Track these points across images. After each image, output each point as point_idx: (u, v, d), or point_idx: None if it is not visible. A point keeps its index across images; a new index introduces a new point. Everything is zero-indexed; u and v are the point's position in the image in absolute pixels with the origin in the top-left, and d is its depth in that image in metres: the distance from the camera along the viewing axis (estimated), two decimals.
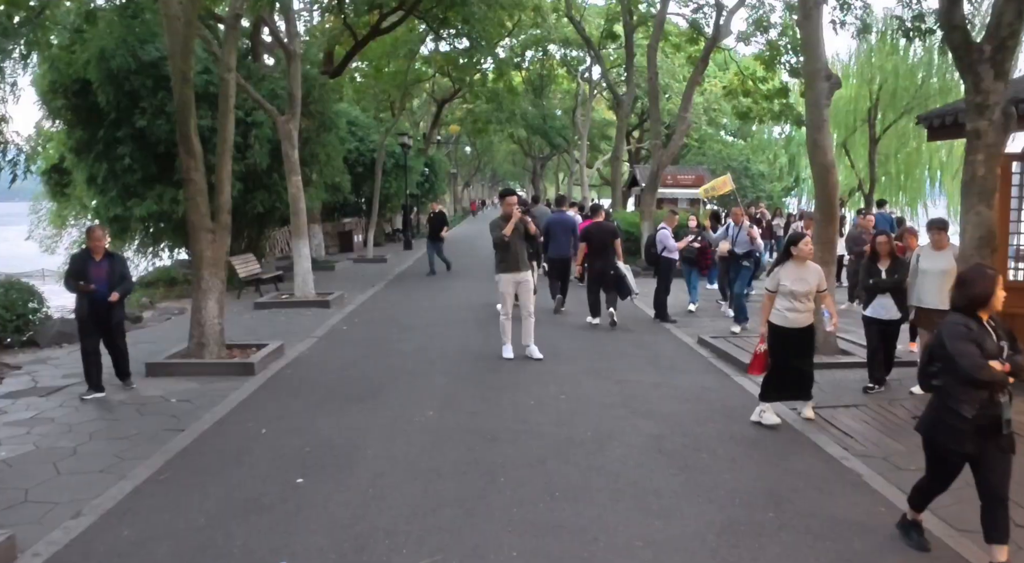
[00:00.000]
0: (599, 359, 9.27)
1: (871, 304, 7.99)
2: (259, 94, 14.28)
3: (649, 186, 19.47)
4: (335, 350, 9.87)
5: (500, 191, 9.41)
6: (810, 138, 9.37)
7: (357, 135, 26.17)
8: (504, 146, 63.04)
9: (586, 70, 39.57)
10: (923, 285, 7.68)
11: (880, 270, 7.91)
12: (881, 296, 7.89)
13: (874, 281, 7.89)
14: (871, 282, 7.91)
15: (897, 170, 27.17)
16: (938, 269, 7.53)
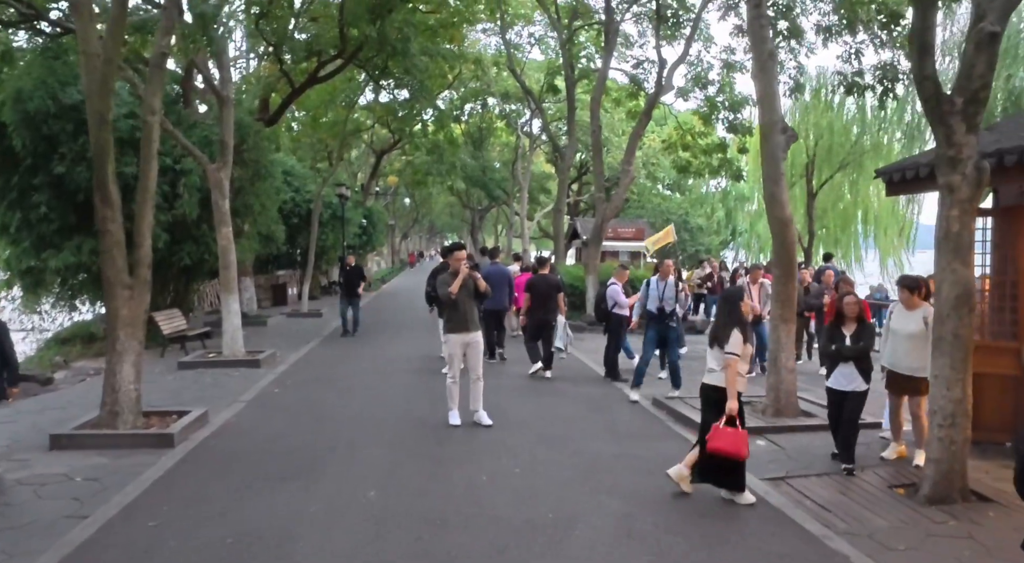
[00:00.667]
0: (552, 424, 8.67)
1: (832, 372, 7.21)
2: (189, 141, 13.55)
3: (593, 239, 19.16)
4: (265, 417, 9.04)
5: (445, 246, 8.74)
6: (767, 191, 9.09)
7: (293, 185, 25.43)
8: (442, 198, 62.72)
9: (526, 123, 39.67)
10: (894, 347, 7.30)
11: (844, 335, 7.11)
12: (844, 364, 7.07)
13: (837, 347, 7.10)
14: (833, 348, 7.16)
15: (834, 224, 27.57)
16: (907, 331, 7.16)
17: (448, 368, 8.54)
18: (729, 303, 6.37)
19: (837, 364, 7.14)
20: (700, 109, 24.95)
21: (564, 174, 24.01)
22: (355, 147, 44.81)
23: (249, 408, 9.58)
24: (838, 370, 7.13)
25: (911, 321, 7.15)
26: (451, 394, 8.51)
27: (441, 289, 8.25)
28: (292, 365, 13.00)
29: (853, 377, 7.03)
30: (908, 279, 7.45)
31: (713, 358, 6.29)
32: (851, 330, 7.10)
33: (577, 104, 24.90)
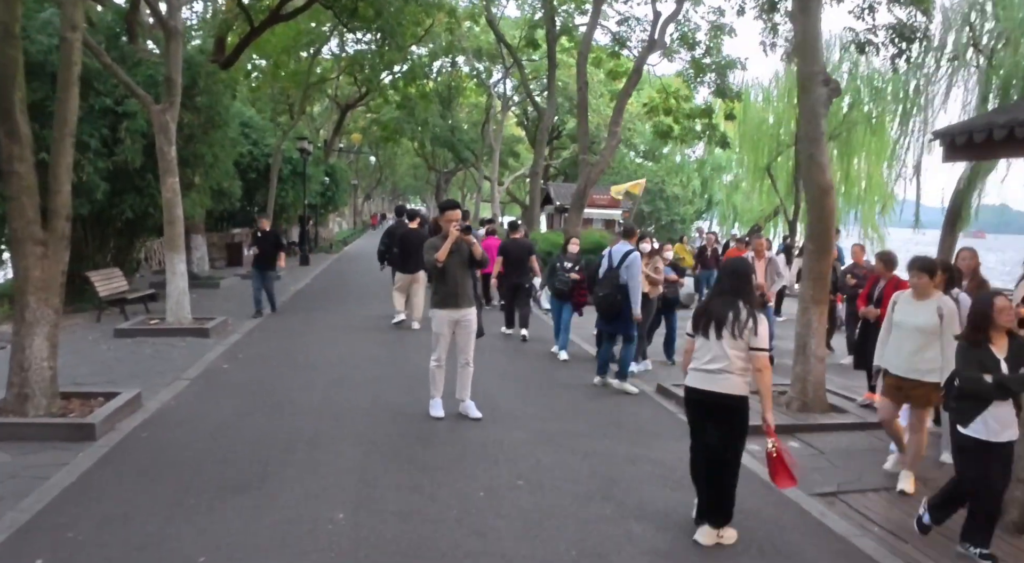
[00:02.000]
0: (551, 417, 7.40)
1: (975, 416, 4.61)
2: (133, 80, 11.91)
3: (575, 204, 17.86)
4: (211, 401, 7.63)
5: (441, 202, 7.21)
6: (804, 152, 7.85)
7: (251, 137, 23.67)
8: (407, 159, 60.80)
9: (498, 82, 38.03)
10: (898, 344, 5.89)
11: (996, 358, 4.62)
12: (999, 403, 4.58)
13: (1000, 379, 4.52)
14: (992, 381, 4.53)
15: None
16: (915, 325, 5.79)
17: (433, 349, 7.18)
18: (738, 277, 4.71)
19: (984, 404, 4.59)
20: (685, 71, 23.83)
21: (543, 134, 22.64)
22: (319, 101, 42.84)
23: (192, 388, 8.15)
24: (989, 412, 4.56)
25: (921, 312, 5.79)
26: (434, 380, 7.18)
27: (427, 254, 6.89)
28: (246, 335, 11.55)
29: (1009, 419, 4.63)
30: (923, 261, 5.94)
31: (714, 351, 4.58)
32: (1003, 349, 4.65)
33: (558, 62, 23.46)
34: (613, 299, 8.42)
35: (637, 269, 8.47)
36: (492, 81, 39.05)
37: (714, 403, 4.61)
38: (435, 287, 7.05)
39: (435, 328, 7.09)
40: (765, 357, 4.56)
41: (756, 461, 6.24)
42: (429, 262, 6.84)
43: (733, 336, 4.53)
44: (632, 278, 8.43)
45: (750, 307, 4.57)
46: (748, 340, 4.51)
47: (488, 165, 43.89)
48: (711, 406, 4.64)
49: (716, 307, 4.68)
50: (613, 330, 8.67)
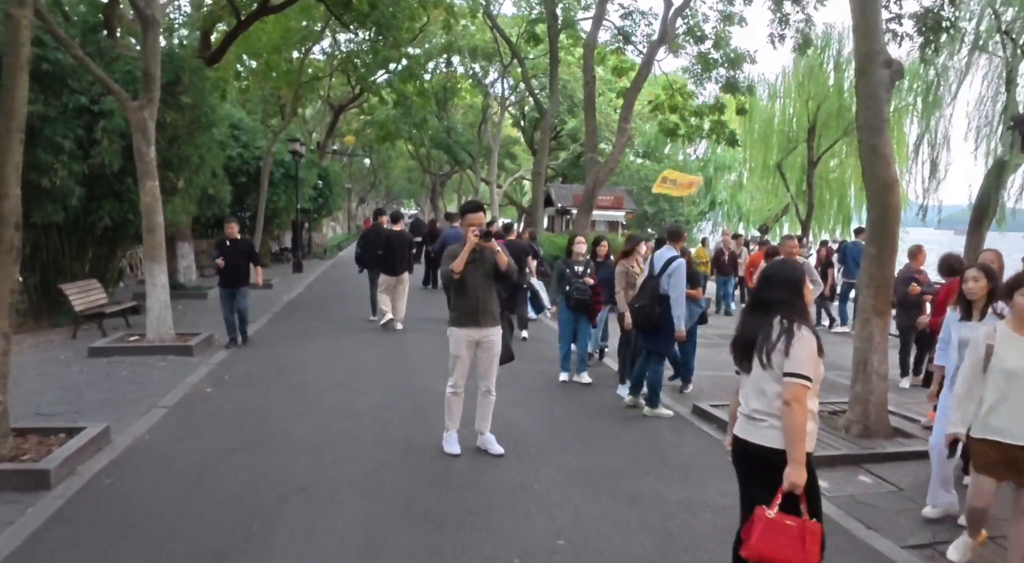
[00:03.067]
0: (581, 450, 6.43)
1: None
2: (111, 77, 10.96)
3: (584, 205, 16.92)
4: (190, 435, 6.64)
5: (462, 205, 6.13)
6: (866, 143, 6.90)
7: (241, 140, 22.65)
8: (401, 162, 59.76)
9: (495, 82, 37.15)
10: (1005, 395, 4.17)
11: None
12: None
13: None
14: None
15: (831, 195, 25.70)
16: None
17: (449, 374, 6.20)
18: (774, 284, 3.53)
19: None
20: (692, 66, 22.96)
21: (545, 133, 21.67)
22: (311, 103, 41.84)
23: (170, 419, 7.16)
24: None
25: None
26: (450, 410, 6.20)
27: (444, 265, 5.90)
28: (233, 352, 10.56)
29: None
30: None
31: (756, 390, 3.46)
32: None
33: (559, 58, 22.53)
34: (651, 311, 7.45)
35: (682, 278, 7.51)
36: (489, 81, 38.18)
37: (753, 457, 3.48)
38: (453, 302, 6.07)
39: (452, 349, 6.10)
40: (799, 386, 3.27)
41: (832, 505, 5.30)
42: (445, 274, 5.86)
43: (763, 364, 3.39)
44: (675, 288, 7.47)
45: (788, 322, 3.38)
46: (781, 364, 3.35)
47: (485, 167, 42.97)
48: (750, 460, 3.52)
49: (745, 328, 3.58)
50: (651, 346, 7.70)
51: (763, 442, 3.40)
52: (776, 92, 27.28)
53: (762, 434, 3.41)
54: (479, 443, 6.26)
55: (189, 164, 13.75)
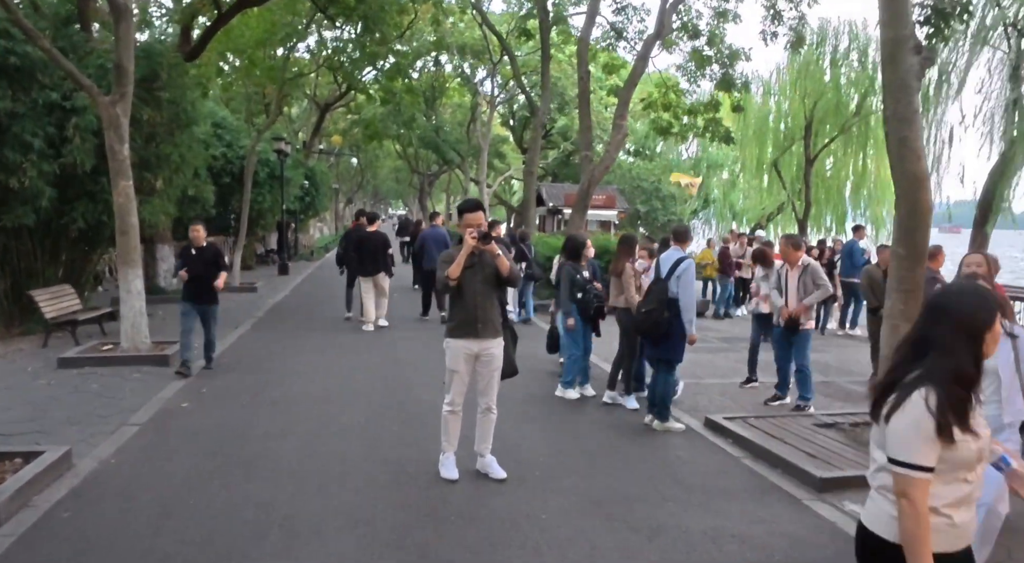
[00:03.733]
0: (590, 472, 5.88)
1: None
2: (84, 72, 10.39)
3: (579, 205, 16.37)
4: (161, 457, 6.04)
5: (460, 204, 5.57)
6: (895, 135, 6.37)
7: (225, 139, 21.99)
8: (389, 162, 59.12)
9: (483, 80, 36.55)
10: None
11: None
12: None
13: None
14: None
15: (826, 193, 25.25)
16: None
17: (446, 390, 5.63)
18: (963, 327, 2.43)
19: None
20: (686, 63, 22.52)
21: (538, 131, 21.07)
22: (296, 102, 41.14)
23: (140, 439, 6.57)
24: None
25: None
26: (447, 430, 5.63)
27: (440, 270, 5.34)
28: (213, 361, 9.94)
29: None
30: None
31: (873, 450, 2.58)
32: None
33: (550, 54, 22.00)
34: (659, 316, 6.92)
35: (691, 280, 6.99)
36: (477, 79, 37.61)
37: (859, 542, 2.61)
38: (450, 311, 5.51)
39: (449, 363, 5.53)
40: (905, 477, 2.34)
41: None
42: (441, 281, 5.30)
43: (875, 418, 2.52)
44: (685, 290, 6.94)
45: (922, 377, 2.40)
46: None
47: (474, 167, 42.40)
48: (858, 546, 2.62)
49: (887, 372, 2.59)
50: (659, 354, 7.16)
51: (865, 521, 2.57)
52: (771, 89, 26.80)
53: (867, 510, 2.59)
54: (479, 466, 5.71)
55: (168, 163, 13.13)
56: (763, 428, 7.19)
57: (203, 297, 9.13)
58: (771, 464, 6.28)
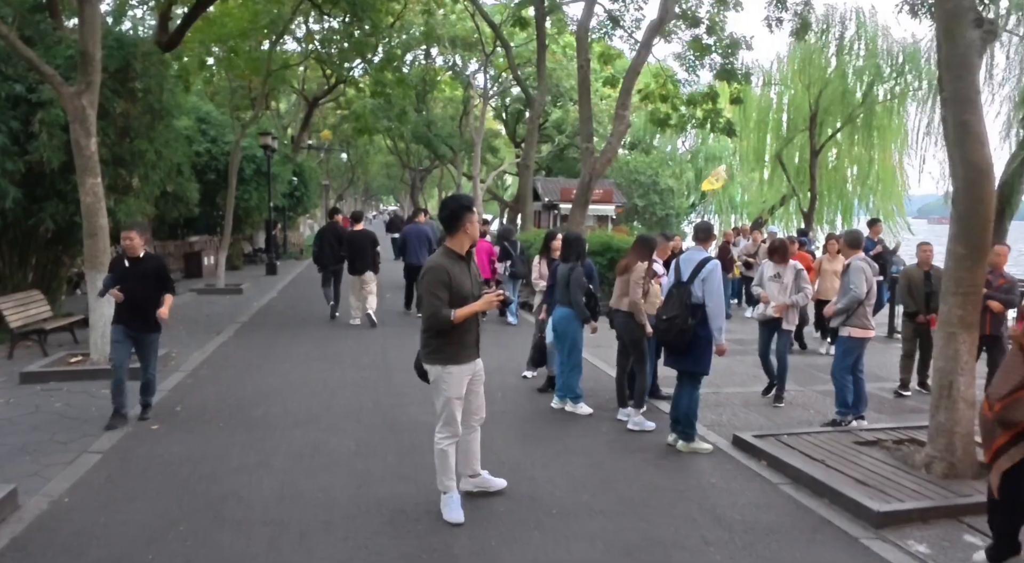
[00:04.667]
0: (617, 510, 5.10)
1: None
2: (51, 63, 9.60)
3: (579, 200, 15.57)
4: (120, 500, 5.23)
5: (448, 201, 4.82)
6: (955, 118, 5.63)
7: (209, 134, 21.21)
8: (380, 157, 58.24)
9: (476, 72, 35.78)
10: None
11: None
12: None
13: None
14: None
15: (830, 186, 24.56)
16: None
17: (444, 422, 4.84)
18: None
19: None
20: (685, 53, 21.82)
21: (533, 123, 20.32)
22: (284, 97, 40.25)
23: (101, 471, 5.78)
24: None
25: None
26: (446, 466, 4.84)
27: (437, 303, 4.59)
28: (190, 374, 9.15)
29: None
30: None
31: None
32: None
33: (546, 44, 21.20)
34: (684, 324, 6.16)
35: (719, 283, 6.23)
36: (470, 71, 36.82)
37: None
38: (449, 335, 4.70)
39: (451, 392, 4.74)
40: None
41: None
42: (444, 320, 4.55)
43: None
44: (712, 295, 6.18)
45: None
46: None
47: (466, 161, 41.56)
48: None
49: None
50: (684, 366, 6.41)
51: None
52: (771, 79, 26.08)
53: None
54: (475, 485, 5.01)
55: (142, 160, 12.30)
56: (799, 447, 6.46)
57: (139, 323, 7.02)
58: (815, 492, 5.54)
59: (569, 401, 7.66)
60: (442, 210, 4.83)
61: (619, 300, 7.11)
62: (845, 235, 7.73)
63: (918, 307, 8.62)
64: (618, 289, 7.20)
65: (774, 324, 8.23)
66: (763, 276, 8.44)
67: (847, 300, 7.09)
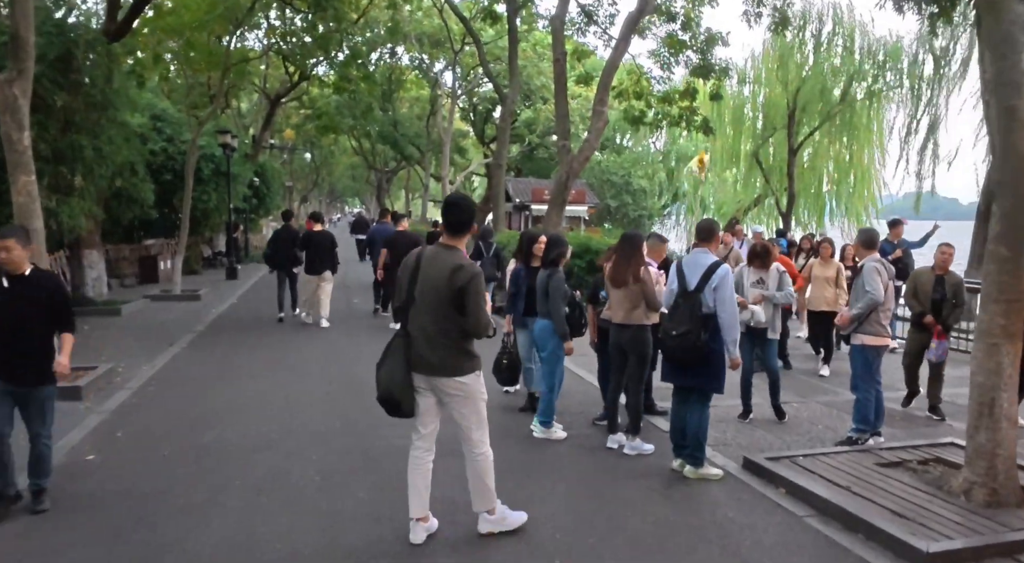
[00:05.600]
0: (632, 554, 4.39)
1: None
2: None
3: (556, 199, 14.92)
4: (44, 553, 4.43)
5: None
6: (998, 107, 5.00)
7: (165, 133, 20.15)
8: (345, 159, 57.14)
9: (444, 70, 34.97)
10: None
11: None
12: None
13: None
14: None
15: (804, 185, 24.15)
16: None
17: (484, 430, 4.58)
18: None
19: None
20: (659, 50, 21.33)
21: (506, 120, 19.65)
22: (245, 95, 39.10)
23: (18, 522, 4.89)
24: None
25: None
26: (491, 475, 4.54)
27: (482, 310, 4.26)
28: (136, 392, 8.26)
29: None
30: None
31: None
32: None
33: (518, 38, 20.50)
34: (698, 340, 5.45)
35: (731, 291, 5.55)
36: (437, 69, 36.00)
37: None
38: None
39: (485, 395, 4.52)
40: None
41: None
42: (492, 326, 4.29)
43: None
44: (724, 305, 5.49)
45: None
46: None
47: (434, 162, 40.74)
48: None
49: None
50: (696, 383, 5.71)
51: None
52: (746, 77, 25.65)
53: None
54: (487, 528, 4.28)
55: (83, 157, 11.36)
56: (819, 471, 5.80)
57: (22, 371, 4.88)
58: (848, 526, 4.87)
59: (539, 425, 6.83)
60: (453, 210, 4.45)
61: (628, 314, 6.22)
62: (860, 235, 7.07)
63: (924, 310, 7.73)
64: (624, 302, 6.23)
65: (757, 335, 7.53)
66: (743, 281, 7.72)
67: (864, 304, 6.45)
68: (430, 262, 4.29)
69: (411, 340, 4.28)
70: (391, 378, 4.26)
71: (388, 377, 4.27)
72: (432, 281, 4.22)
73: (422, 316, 4.27)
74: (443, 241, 4.41)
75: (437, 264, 4.25)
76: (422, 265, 4.31)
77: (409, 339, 4.28)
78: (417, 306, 4.29)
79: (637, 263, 6.15)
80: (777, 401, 7.53)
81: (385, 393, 4.30)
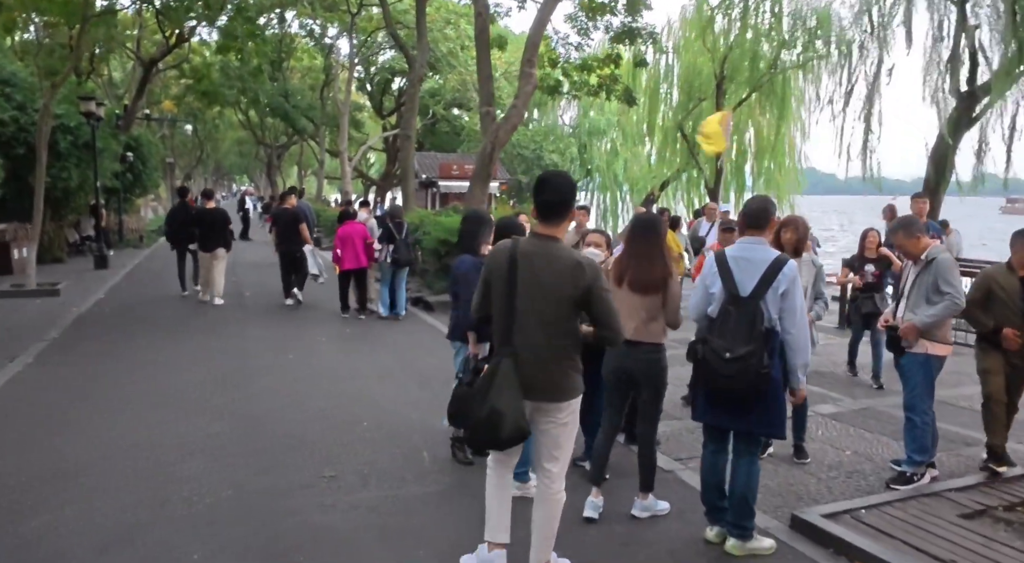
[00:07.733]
0: None
1: None
2: None
3: (480, 173, 13.14)
4: None
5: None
6: None
7: (15, 99, 17.24)
8: (231, 133, 53.38)
9: (338, 38, 32.40)
10: None
11: None
12: None
13: None
14: None
15: (740, 158, 23.17)
16: None
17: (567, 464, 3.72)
18: None
19: None
20: (576, 15, 19.96)
21: (415, 86, 17.66)
22: (119, 63, 35.50)
23: None
24: None
25: None
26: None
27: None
28: None
29: None
30: None
31: None
32: None
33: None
34: (761, 366, 3.80)
35: (801, 297, 3.93)
36: (331, 36, 33.37)
37: None
38: None
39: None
40: None
41: None
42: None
43: None
44: (794, 316, 3.87)
45: None
46: None
47: (329, 135, 38.11)
48: None
49: None
50: (750, 426, 4.06)
51: None
52: (662, 46, 24.38)
53: None
54: None
55: None
56: (889, 531, 4.39)
57: None
58: None
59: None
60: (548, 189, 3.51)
61: (644, 328, 4.47)
62: (897, 221, 5.50)
63: (999, 324, 5.29)
64: (638, 311, 4.48)
65: None
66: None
67: (941, 309, 4.94)
68: (532, 262, 3.45)
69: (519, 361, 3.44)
70: (518, 412, 3.38)
71: (514, 411, 3.37)
72: (545, 287, 3.43)
73: (533, 332, 3.46)
74: (540, 231, 3.51)
75: (546, 264, 3.43)
76: (520, 267, 3.45)
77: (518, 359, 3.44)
78: (521, 320, 3.46)
79: (666, 258, 4.47)
80: (802, 439, 5.85)
81: (514, 432, 3.38)
